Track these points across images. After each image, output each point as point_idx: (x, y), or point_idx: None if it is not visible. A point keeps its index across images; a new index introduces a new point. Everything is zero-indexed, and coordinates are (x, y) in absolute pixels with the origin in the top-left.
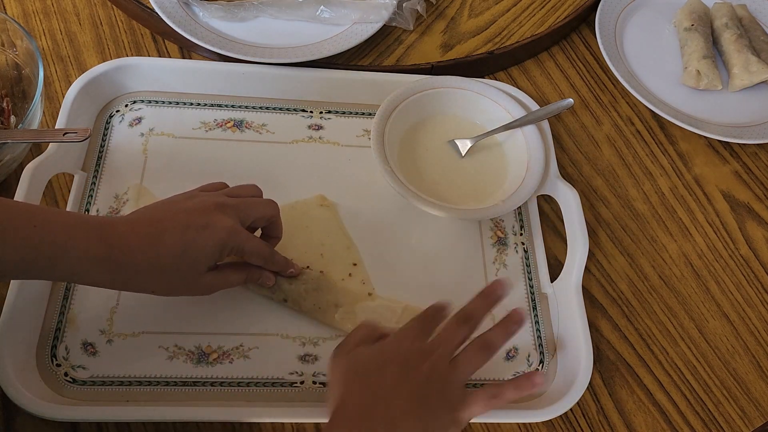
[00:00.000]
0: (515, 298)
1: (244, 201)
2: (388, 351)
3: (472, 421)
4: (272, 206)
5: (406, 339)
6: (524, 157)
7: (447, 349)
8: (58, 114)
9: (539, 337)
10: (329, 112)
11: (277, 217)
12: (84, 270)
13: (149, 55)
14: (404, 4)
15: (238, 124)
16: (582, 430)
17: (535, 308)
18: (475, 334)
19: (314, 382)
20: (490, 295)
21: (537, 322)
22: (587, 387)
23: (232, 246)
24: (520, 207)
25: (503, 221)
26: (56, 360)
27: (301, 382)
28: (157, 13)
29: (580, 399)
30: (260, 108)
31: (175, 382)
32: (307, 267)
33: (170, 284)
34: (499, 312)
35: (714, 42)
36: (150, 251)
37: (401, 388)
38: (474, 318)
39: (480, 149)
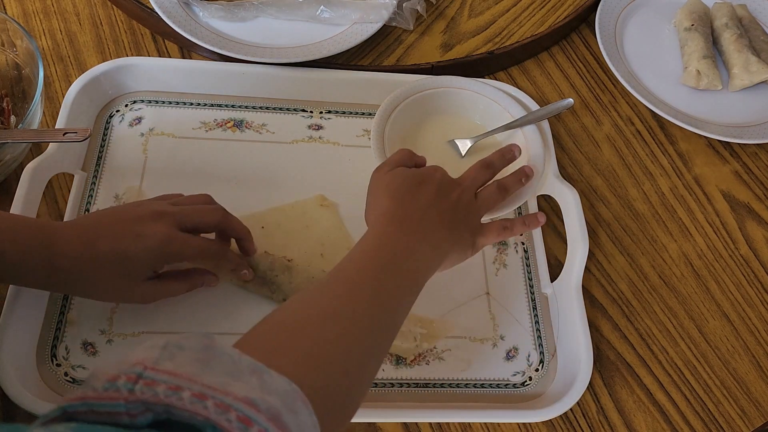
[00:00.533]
0: (516, 298)
1: (184, 208)
2: (426, 175)
3: (471, 421)
4: (217, 212)
5: (440, 170)
6: (524, 158)
7: (473, 185)
8: (58, 114)
9: (539, 337)
10: (329, 112)
11: (225, 222)
12: (21, 272)
13: (149, 55)
14: (404, 4)
15: (238, 124)
16: (582, 430)
17: (535, 308)
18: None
19: None
20: (507, 153)
21: (537, 322)
22: (587, 387)
23: (170, 253)
24: (520, 207)
25: None
26: (56, 360)
27: None
28: (157, 13)
29: (580, 399)
30: (260, 108)
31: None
32: (307, 266)
33: (105, 291)
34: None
35: (714, 42)
36: (84, 257)
37: (435, 206)
38: (494, 166)
39: (480, 149)
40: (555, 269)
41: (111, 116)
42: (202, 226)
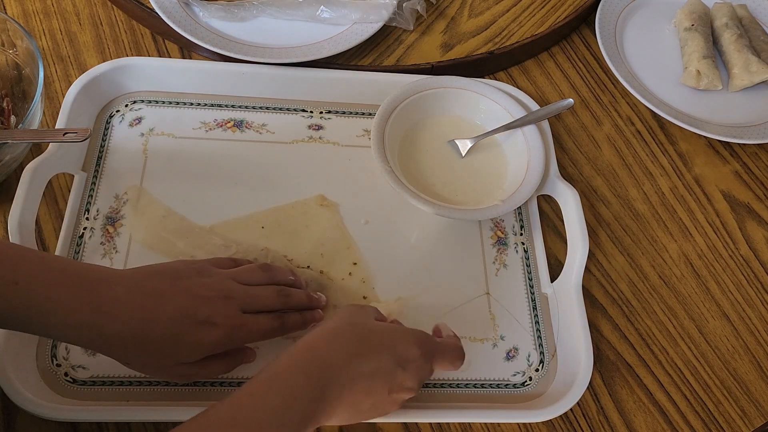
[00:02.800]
0: (516, 298)
1: (249, 291)
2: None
3: (471, 421)
4: (281, 296)
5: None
6: (524, 157)
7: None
8: (58, 114)
9: (539, 337)
10: (329, 112)
11: (287, 305)
12: (60, 333)
13: (149, 55)
14: (404, 4)
15: (238, 124)
16: (582, 430)
17: (535, 308)
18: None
19: None
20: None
21: (537, 322)
22: (587, 387)
23: (234, 341)
24: (520, 207)
25: (503, 221)
26: (56, 360)
27: None
28: (157, 13)
29: (580, 399)
30: (260, 108)
31: (175, 382)
32: (308, 266)
33: (146, 364)
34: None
35: (714, 42)
36: (139, 328)
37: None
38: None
39: (480, 149)
40: (555, 269)
41: (111, 116)
42: (265, 310)
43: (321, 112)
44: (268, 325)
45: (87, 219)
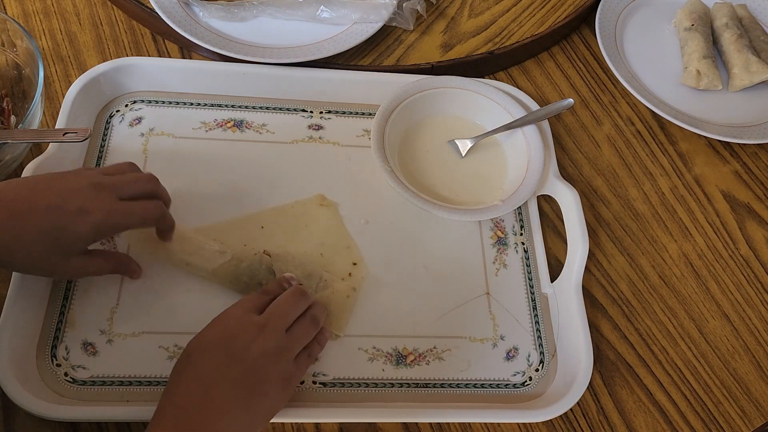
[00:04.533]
0: (516, 298)
1: (120, 179)
2: (217, 337)
3: (471, 421)
4: (151, 181)
5: (238, 312)
6: (524, 157)
7: (283, 323)
8: (58, 114)
9: (539, 337)
10: (329, 112)
11: (158, 189)
12: None
13: (149, 55)
14: (404, 4)
15: (238, 124)
16: (582, 430)
17: (535, 308)
18: None
19: (314, 382)
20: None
21: (537, 322)
22: (587, 387)
23: (113, 225)
24: (520, 207)
25: (503, 221)
26: (56, 360)
27: (301, 382)
28: (157, 13)
29: (580, 399)
30: (260, 108)
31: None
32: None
33: (34, 264)
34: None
35: (714, 42)
36: (16, 229)
37: (222, 380)
38: (307, 295)
39: (480, 149)
40: (555, 269)
41: (111, 116)
42: (139, 197)
43: (321, 112)
44: (145, 210)
45: None
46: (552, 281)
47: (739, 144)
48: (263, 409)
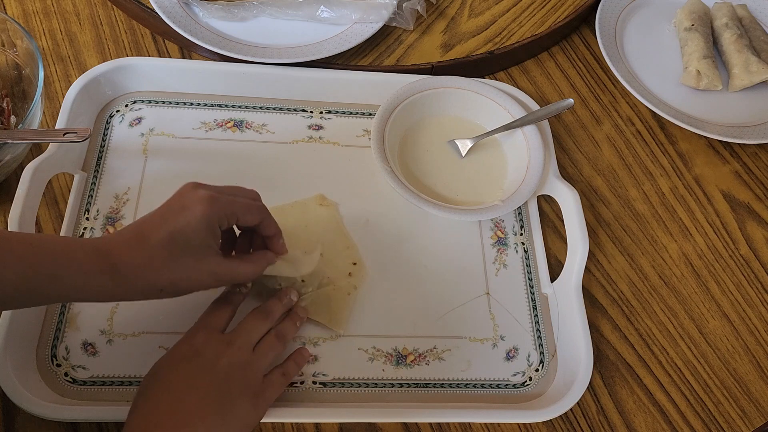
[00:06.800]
0: (516, 298)
1: (224, 186)
2: (181, 351)
3: (471, 421)
4: (262, 210)
5: (202, 333)
6: (524, 157)
7: (249, 341)
8: (58, 114)
9: (539, 337)
10: (329, 112)
11: (267, 220)
12: (84, 282)
13: (149, 55)
14: (404, 4)
15: (238, 124)
16: (582, 430)
17: (535, 308)
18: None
19: (314, 383)
20: (284, 298)
21: (537, 322)
22: (587, 387)
23: (219, 213)
24: (520, 207)
25: (503, 221)
26: (56, 360)
27: (301, 383)
28: (157, 13)
29: (580, 399)
30: (260, 108)
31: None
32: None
33: (172, 276)
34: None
35: (714, 42)
36: (144, 250)
37: (191, 392)
38: (273, 314)
39: (480, 149)
40: (555, 269)
41: (111, 116)
42: (242, 221)
43: (321, 112)
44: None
45: (87, 219)
46: (552, 281)
47: (739, 144)
48: (236, 422)
